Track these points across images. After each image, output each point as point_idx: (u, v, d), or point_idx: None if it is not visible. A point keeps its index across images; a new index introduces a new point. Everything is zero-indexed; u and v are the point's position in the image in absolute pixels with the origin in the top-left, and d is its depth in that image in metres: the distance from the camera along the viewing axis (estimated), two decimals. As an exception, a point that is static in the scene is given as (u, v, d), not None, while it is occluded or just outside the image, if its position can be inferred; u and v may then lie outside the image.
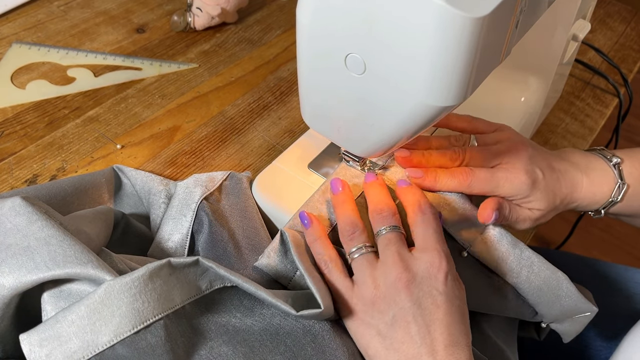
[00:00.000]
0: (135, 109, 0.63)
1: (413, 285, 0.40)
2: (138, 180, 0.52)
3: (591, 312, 0.49)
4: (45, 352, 0.35)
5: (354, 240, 0.43)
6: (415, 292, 0.40)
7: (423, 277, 0.40)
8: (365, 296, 0.41)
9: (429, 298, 0.40)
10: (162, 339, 0.37)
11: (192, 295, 0.40)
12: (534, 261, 0.48)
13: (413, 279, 0.40)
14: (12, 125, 0.59)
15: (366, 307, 0.41)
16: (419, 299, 0.40)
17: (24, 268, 0.36)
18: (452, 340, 0.39)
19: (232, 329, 0.41)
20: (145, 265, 0.38)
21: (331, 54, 0.39)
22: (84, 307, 0.36)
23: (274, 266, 0.45)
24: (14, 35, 0.69)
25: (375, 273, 0.41)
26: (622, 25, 0.87)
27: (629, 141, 1.75)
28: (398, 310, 0.40)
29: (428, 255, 0.41)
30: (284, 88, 0.68)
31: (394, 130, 0.42)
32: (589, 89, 0.77)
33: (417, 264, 0.41)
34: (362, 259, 0.42)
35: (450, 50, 0.34)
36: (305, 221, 0.45)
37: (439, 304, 0.40)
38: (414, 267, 0.41)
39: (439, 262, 0.41)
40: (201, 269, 0.40)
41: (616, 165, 0.51)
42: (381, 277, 0.41)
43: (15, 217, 0.38)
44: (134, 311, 0.36)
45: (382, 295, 0.40)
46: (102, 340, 0.35)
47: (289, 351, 0.41)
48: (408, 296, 0.40)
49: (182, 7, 0.76)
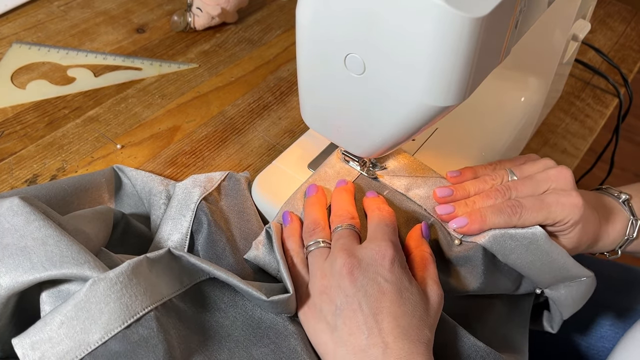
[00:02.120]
0: (135, 109, 0.63)
1: (357, 271, 0.40)
2: (138, 181, 0.52)
3: (587, 277, 0.47)
4: (38, 355, 0.35)
5: (312, 235, 0.44)
6: (360, 278, 0.39)
7: (368, 263, 0.40)
8: (314, 287, 0.41)
9: (374, 285, 0.39)
10: (155, 330, 0.37)
11: (177, 289, 0.41)
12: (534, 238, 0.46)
13: (358, 265, 0.40)
14: (12, 125, 0.59)
15: (315, 298, 0.41)
16: (364, 286, 0.39)
17: (20, 268, 0.36)
18: (401, 333, 0.38)
19: (217, 324, 0.42)
20: (126, 261, 0.38)
21: (331, 54, 0.39)
22: (71, 307, 0.36)
23: (262, 258, 0.46)
24: (14, 35, 0.69)
25: (324, 264, 0.42)
26: (622, 25, 0.87)
27: (629, 141, 1.75)
28: (343, 297, 0.39)
29: (375, 244, 0.41)
30: (284, 88, 0.68)
31: (394, 130, 0.42)
32: (589, 89, 0.77)
33: (363, 252, 0.41)
34: (316, 252, 0.43)
35: (450, 50, 0.34)
36: (287, 219, 0.47)
37: (385, 291, 0.39)
38: (359, 254, 0.41)
39: (384, 249, 0.40)
40: (182, 262, 0.41)
41: (625, 202, 0.50)
42: (328, 267, 0.41)
43: (13, 217, 0.38)
44: (123, 306, 0.36)
45: (328, 284, 0.40)
46: (94, 338, 0.35)
47: (272, 343, 0.41)
48: (352, 282, 0.39)
49: (182, 7, 0.76)
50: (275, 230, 0.46)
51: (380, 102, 0.40)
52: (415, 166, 0.52)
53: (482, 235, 0.46)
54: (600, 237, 0.49)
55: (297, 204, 0.49)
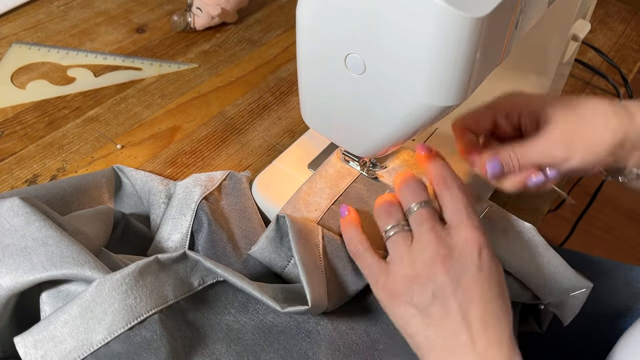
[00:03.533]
0: (135, 109, 0.63)
1: (450, 261, 0.39)
2: (138, 180, 0.52)
3: (587, 288, 0.49)
4: (41, 354, 0.35)
5: (390, 217, 0.42)
6: (453, 268, 0.39)
7: (460, 252, 0.40)
8: (403, 275, 0.41)
9: (467, 274, 0.39)
10: (158, 334, 0.37)
11: (185, 292, 0.41)
12: (529, 238, 0.48)
13: (450, 255, 0.40)
14: (12, 125, 0.59)
15: (404, 287, 0.40)
16: (457, 275, 0.39)
17: (21, 268, 0.36)
18: (491, 317, 0.39)
19: (226, 327, 0.42)
20: (135, 262, 0.38)
21: (331, 54, 0.39)
22: (76, 306, 0.36)
23: (267, 254, 0.46)
24: (14, 35, 0.69)
25: (411, 252, 0.41)
26: (622, 25, 0.87)
27: (629, 141, 1.75)
28: (436, 287, 0.39)
29: (463, 231, 0.41)
30: (284, 88, 0.68)
31: (394, 130, 0.42)
32: (589, 89, 0.77)
33: (453, 240, 0.40)
34: (398, 237, 0.42)
35: (450, 50, 0.34)
36: (344, 211, 0.46)
37: (477, 280, 0.39)
38: (450, 243, 0.40)
39: (474, 236, 0.40)
40: (191, 264, 0.41)
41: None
42: (418, 255, 0.40)
43: (14, 217, 0.38)
44: (127, 307, 0.36)
45: (420, 273, 0.40)
46: (97, 338, 0.35)
47: (282, 349, 0.41)
48: (445, 272, 0.39)
49: (182, 7, 0.76)
50: (291, 223, 0.44)
51: (380, 102, 0.40)
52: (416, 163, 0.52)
53: None
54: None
55: (299, 203, 0.48)
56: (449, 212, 0.42)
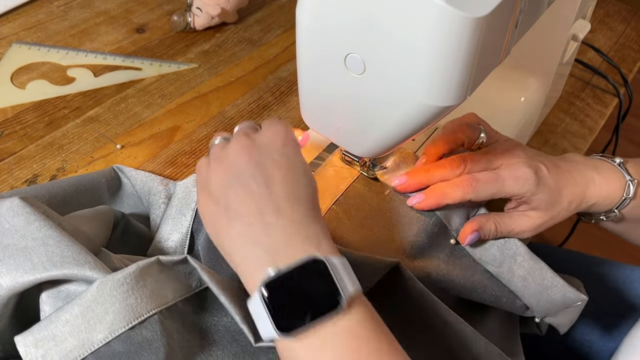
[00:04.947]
0: (135, 109, 0.63)
1: (254, 149, 0.39)
2: (138, 180, 0.52)
3: (582, 302, 0.48)
4: (41, 353, 0.35)
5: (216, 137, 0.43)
6: (255, 155, 0.39)
7: (266, 143, 0.40)
8: (212, 169, 0.40)
9: (269, 159, 0.39)
10: (158, 333, 0.37)
11: (183, 293, 0.41)
12: (517, 251, 0.48)
13: (253, 144, 0.39)
14: (12, 125, 0.59)
15: (211, 187, 0.39)
16: (259, 161, 0.38)
17: (21, 268, 0.36)
18: (295, 198, 0.37)
19: (224, 328, 0.42)
20: (136, 262, 0.38)
21: (331, 54, 0.39)
22: (77, 306, 0.36)
23: None
24: (14, 35, 0.69)
25: (221, 152, 0.41)
26: (622, 25, 0.87)
27: (629, 141, 1.75)
28: (237, 171, 0.38)
29: (270, 128, 0.41)
30: (284, 88, 0.68)
31: (394, 130, 0.42)
32: (589, 89, 0.77)
33: (261, 135, 0.41)
34: (216, 146, 0.42)
35: (450, 50, 0.34)
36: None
37: (281, 165, 0.38)
38: (257, 138, 0.40)
39: (279, 130, 0.40)
40: (190, 267, 0.41)
41: (621, 164, 0.51)
42: (225, 154, 0.40)
43: (14, 217, 0.38)
44: (128, 307, 0.36)
45: (224, 164, 0.39)
46: (98, 337, 0.35)
47: None
48: (247, 157, 0.38)
49: (182, 7, 0.76)
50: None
51: (380, 101, 0.40)
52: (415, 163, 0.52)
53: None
54: (599, 194, 0.49)
55: None
56: (265, 123, 0.42)
